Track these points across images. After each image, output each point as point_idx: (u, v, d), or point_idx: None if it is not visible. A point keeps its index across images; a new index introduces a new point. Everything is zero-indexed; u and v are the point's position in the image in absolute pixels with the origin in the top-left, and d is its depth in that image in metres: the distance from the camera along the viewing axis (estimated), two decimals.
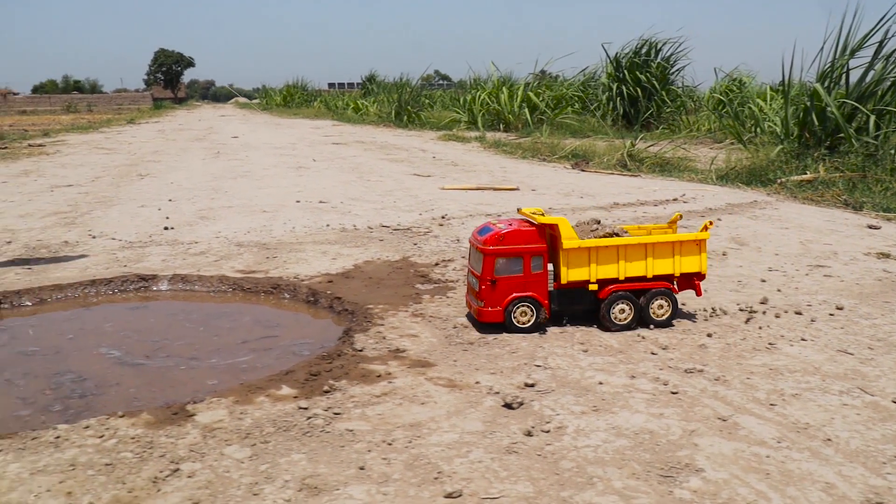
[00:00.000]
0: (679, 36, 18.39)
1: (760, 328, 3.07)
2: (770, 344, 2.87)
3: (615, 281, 3.02)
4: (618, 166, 9.60)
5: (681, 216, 3.29)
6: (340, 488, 1.77)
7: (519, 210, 3.21)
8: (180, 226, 5.33)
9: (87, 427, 2.10)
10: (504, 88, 17.97)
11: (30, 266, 4.13)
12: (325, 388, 2.36)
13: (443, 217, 5.61)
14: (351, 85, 55.38)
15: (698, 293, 3.21)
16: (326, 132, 18.20)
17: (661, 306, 3.06)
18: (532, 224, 2.99)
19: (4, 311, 3.44)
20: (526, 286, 2.94)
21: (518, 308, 2.94)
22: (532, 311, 2.96)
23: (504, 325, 2.96)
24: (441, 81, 61.50)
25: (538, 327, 2.98)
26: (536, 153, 11.35)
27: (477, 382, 2.45)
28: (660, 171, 9.14)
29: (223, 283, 3.73)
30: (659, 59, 16.15)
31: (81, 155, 12.14)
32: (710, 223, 3.17)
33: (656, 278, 3.07)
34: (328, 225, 5.28)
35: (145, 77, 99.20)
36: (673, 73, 16.40)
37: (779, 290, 3.62)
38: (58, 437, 2.04)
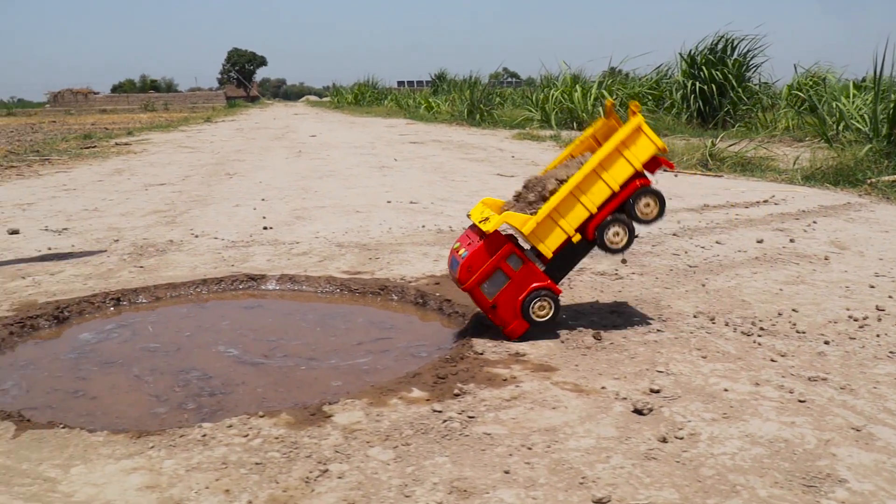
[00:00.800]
0: (757, 32, 18.07)
1: (878, 336, 3.01)
2: (891, 353, 2.82)
3: (591, 217, 2.94)
4: (698, 166, 9.49)
5: (613, 103, 3.16)
6: (490, 492, 1.79)
7: (469, 216, 3.15)
8: (278, 225, 5.42)
9: (230, 426, 2.16)
10: (577, 86, 17.88)
11: (141, 265, 4.24)
12: (456, 391, 2.39)
13: None
14: (420, 83, 55.61)
15: (669, 167, 3.15)
16: (402, 131, 18.30)
17: (647, 205, 2.98)
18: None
19: (124, 308, 3.54)
20: (523, 285, 2.90)
21: (534, 305, 2.91)
22: (546, 300, 2.92)
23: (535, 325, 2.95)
24: (510, 79, 61.41)
25: (558, 308, 2.96)
26: None
27: (603, 388, 2.45)
28: (741, 171, 9.01)
29: (331, 283, 3.79)
30: (735, 56, 15.91)
31: (167, 153, 12.40)
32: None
33: (625, 186, 2.95)
34: (423, 226, 5.33)
35: (219, 76, 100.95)
36: (750, 69, 16.13)
37: (890, 297, 3.56)
38: (204, 436, 2.10)
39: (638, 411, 2.26)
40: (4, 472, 1.94)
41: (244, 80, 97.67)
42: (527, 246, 2.98)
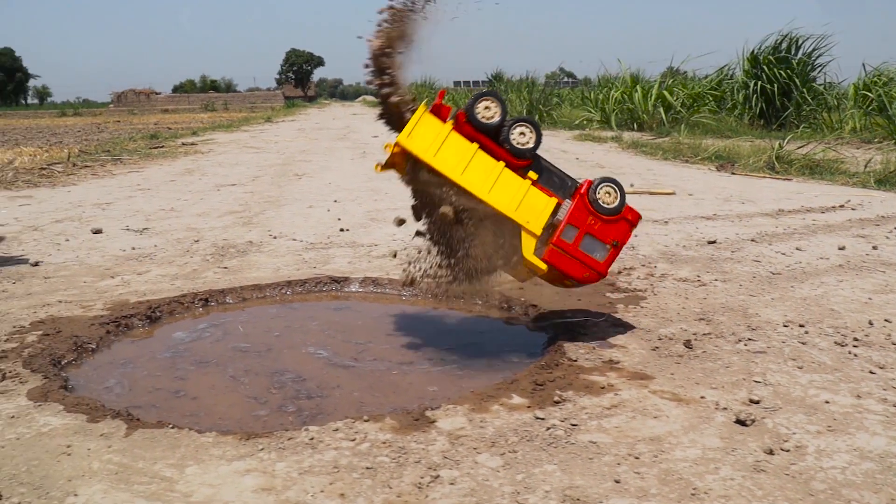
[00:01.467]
0: (823, 30, 17.70)
1: None
2: None
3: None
4: (765, 168, 9.37)
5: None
6: (603, 501, 1.79)
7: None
8: (354, 227, 5.46)
9: (336, 430, 2.18)
10: (637, 87, 17.71)
11: (224, 266, 4.31)
12: (556, 398, 2.39)
13: None
14: (476, 83, 55.56)
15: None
16: None
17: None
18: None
19: (212, 309, 3.60)
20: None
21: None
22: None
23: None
24: (566, 79, 61.06)
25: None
26: (678, 154, 11.18)
27: (702, 397, 2.44)
28: (810, 174, 8.88)
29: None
30: (800, 55, 15.65)
31: (233, 154, 12.57)
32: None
33: None
34: None
35: (277, 76, 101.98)
36: (815, 69, 15.85)
37: None
38: (312, 439, 2.13)
39: (740, 422, 2.24)
40: (122, 469, 1.99)
41: (301, 80, 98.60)
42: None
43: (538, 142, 2.83)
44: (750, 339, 3.02)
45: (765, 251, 4.63)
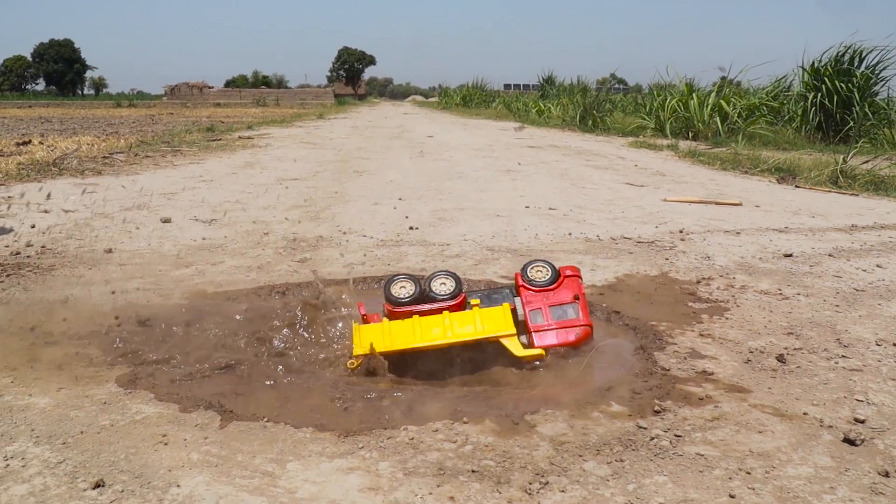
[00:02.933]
0: (888, 42, 17.31)
1: None
2: None
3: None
4: (827, 182, 9.19)
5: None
6: None
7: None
8: (422, 226, 5.44)
9: (436, 430, 2.15)
10: (694, 95, 17.51)
11: (297, 259, 4.30)
12: (656, 408, 2.33)
13: (680, 231, 5.50)
14: (526, 86, 55.44)
15: None
16: (516, 135, 18.24)
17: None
18: None
19: (289, 303, 3.58)
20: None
21: None
22: None
23: None
24: (617, 85, 60.82)
25: None
26: (737, 165, 11.01)
27: (805, 413, 2.37)
28: (874, 190, 8.69)
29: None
30: (863, 68, 15.35)
31: (291, 149, 12.62)
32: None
33: None
34: (570, 234, 5.27)
35: (328, 73, 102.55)
36: (878, 82, 15.52)
37: None
38: (412, 439, 2.09)
39: (849, 441, 2.17)
40: (222, 462, 1.97)
41: (352, 78, 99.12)
42: None
43: (458, 282, 2.97)
44: (843, 356, 2.93)
45: (844, 266, 4.52)
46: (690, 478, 1.91)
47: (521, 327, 2.89)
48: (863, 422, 2.32)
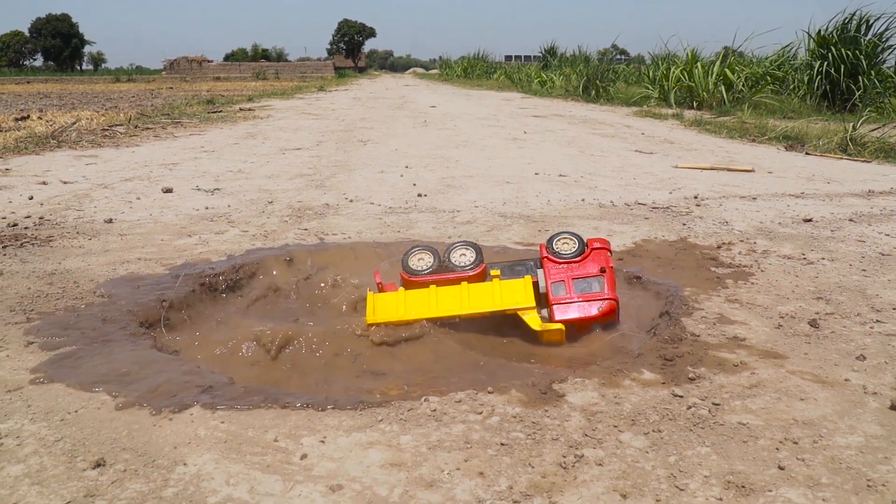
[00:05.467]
0: None
1: None
2: None
3: None
4: (837, 150, 9.02)
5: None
6: (772, 490, 1.60)
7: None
8: (431, 193, 5.30)
9: (459, 401, 2.02)
10: (698, 64, 17.28)
11: (304, 227, 4.16)
12: (690, 375, 2.20)
13: (695, 197, 5.36)
14: (528, 58, 55.11)
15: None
16: (519, 104, 18.05)
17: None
18: None
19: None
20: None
21: None
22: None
23: None
24: (619, 56, 60.36)
25: None
26: (744, 133, 10.83)
27: (846, 380, 2.23)
28: (885, 157, 8.53)
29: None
30: (870, 36, 15.10)
31: (292, 119, 12.46)
32: None
33: None
34: (583, 200, 5.13)
35: (328, 46, 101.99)
36: (885, 50, 15.27)
37: None
38: (434, 410, 1.96)
39: None
40: (231, 438, 1.84)
41: (352, 51, 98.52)
42: None
43: (479, 253, 2.87)
44: (878, 321, 2.80)
45: (867, 231, 4.38)
46: (735, 448, 1.78)
47: (543, 300, 2.77)
48: None
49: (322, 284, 3.16)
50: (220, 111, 13.84)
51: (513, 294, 2.69)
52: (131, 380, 2.18)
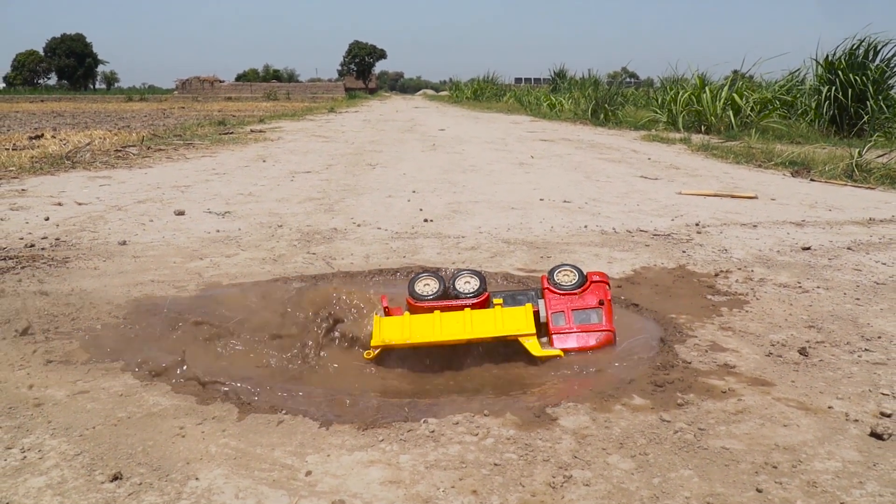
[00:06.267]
0: None
1: None
2: None
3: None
4: (842, 176, 9.11)
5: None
6: None
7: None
8: (437, 218, 5.41)
9: (456, 423, 2.12)
10: (706, 88, 17.41)
11: (312, 252, 4.28)
12: (678, 401, 2.30)
13: (697, 224, 5.46)
14: (538, 80, 55.38)
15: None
16: (528, 128, 18.19)
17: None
18: None
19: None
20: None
21: None
22: None
23: None
24: (629, 79, 60.61)
25: None
26: (750, 158, 10.94)
27: (830, 407, 2.33)
28: (890, 184, 8.62)
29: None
30: (878, 62, 15.22)
31: (303, 142, 12.61)
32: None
33: None
34: (586, 226, 5.23)
35: (339, 67, 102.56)
36: (893, 76, 15.38)
37: None
38: (433, 431, 2.07)
39: (876, 436, 2.13)
40: (240, 455, 1.94)
41: (363, 72, 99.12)
42: None
43: (482, 281, 2.97)
44: (866, 350, 2.89)
45: (864, 260, 4.47)
46: (716, 472, 1.88)
47: (544, 329, 2.88)
48: (889, 416, 2.28)
49: None
50: (231, 132, 14.02)
51: (514, 321, 2.79)
52: (148, 397, 2.29)
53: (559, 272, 3.02)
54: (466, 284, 2.96)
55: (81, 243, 4.44)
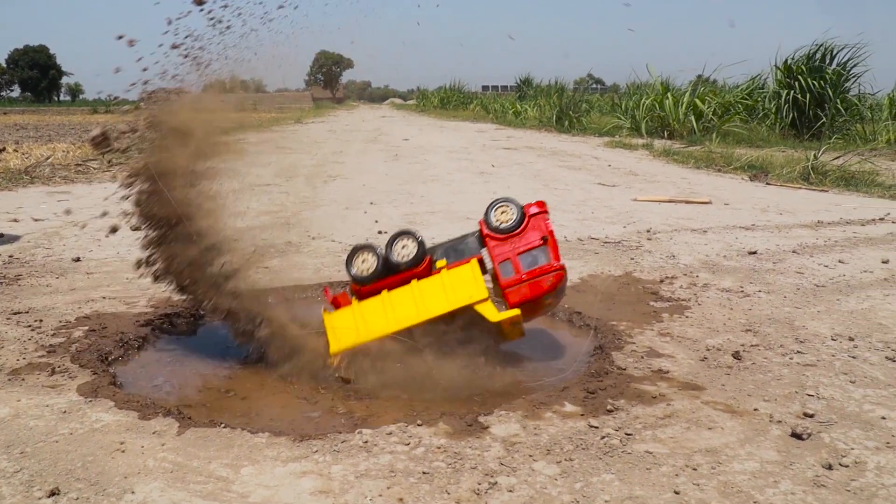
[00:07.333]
0: (858, 40, 17.38)
1: None
2: None
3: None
4: (799, 179, 9.27)
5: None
6: None
7: None
8: (392, 230, 5.45)
9: (390, 433, 2.18)
10: (669, 94, 17.61)
11: (265, 265, 4.31)
12: (608, 407, 2.37)
13: (648, 231, 5.55)
14: (504, 88, 55.54)
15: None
16: (492, 136, 18.30)
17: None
18: None
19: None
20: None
21: None
22: None
23: None
24: (594, 85, 61.04)
25: None
26: (710, 163, 11.10)
27: (755, 409, 2.41)
28: (845, 186, 8.79)
29: None
30: (834, 66, 15.49)
31: (266, 154, 12.61)
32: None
33: None
34: None
35: (306, 77, 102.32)
36: (850, 79, 15.66)
37: None
38: (366, 442, 2.12)
39: (797, 436, 2.21)
40: (177, 468, 1.99)
41: (330, 82, 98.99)
42: None
43: (420, 244, 2.90)
44: (799, 352, 2.99)
45: (807, 263, 4.58)
46: (637, 475, 1.95)
47: (492, 277, 2.87)
48: (812, 416, 2.37)
49: None
50: None
51: (464, 287, 2.76)
52: (92, 413, 2.32)
53: (496, 210, 2.93)
54: (404, 249, 2.91)
55: (35, 260, 4.44)
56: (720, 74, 21.24)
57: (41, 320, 3.26)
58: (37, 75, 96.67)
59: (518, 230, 2.89)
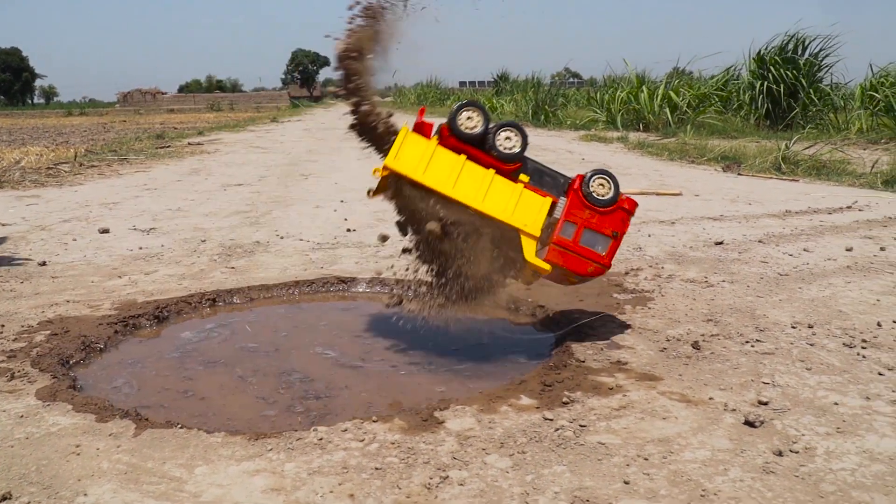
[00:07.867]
0: (830, 31, 17.52)
1: None
2: None
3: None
4: (771, 169, 9.33)
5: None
6: (612, 502, 1.79)
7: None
8: (361, 228, 5.47)
9: (345, 430, 2.19)
10: (644, 87, 17.69)
11: (232, 266, 4.31)
12: (564, 399, 2.39)
13: None
14: (482, 83, 55.58)
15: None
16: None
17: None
18: None
19: (220, 309, 3.61)
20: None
21: None
22: None
23: None
24: (571, 79, 61.08)
25: None
26: (684, 155, 11.16)
27: (710, 398, 2.44)
28: (816, 175, 8.86)
29: (422, 287, 3.81)
30: (807, 56, 15.59)
31: (240, 154, 12.60)
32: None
33: None
34: None
35: (282, 76, 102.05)
36: (822, 69, 15.76)
37: None
38: (321, 439, 2.13)
39: (749, 423, 2.24)
40: (131, 469, 1.99)
41: (307, 80, 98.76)
42: None
43: (524, 144, 2.85)
44: (758, 341, 3.01)
45: (772, 252, 4.62)
46: (588, 466, 1.97)
47: (548, 230, 2.84)
48: (766, 404, 2.39)
49: None
50: (168, 146, 13.95)
51: (527, 213, 2.74)
52: (49, 417, 2.32)
53: (596, 179, 2.88)
54: (507, 141, 2.84)
55: None
56: (695, 66, 21.28)
57: (3, 325, 3.25)
58: (9, 78, 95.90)
59: (602, 209, 2.87)
